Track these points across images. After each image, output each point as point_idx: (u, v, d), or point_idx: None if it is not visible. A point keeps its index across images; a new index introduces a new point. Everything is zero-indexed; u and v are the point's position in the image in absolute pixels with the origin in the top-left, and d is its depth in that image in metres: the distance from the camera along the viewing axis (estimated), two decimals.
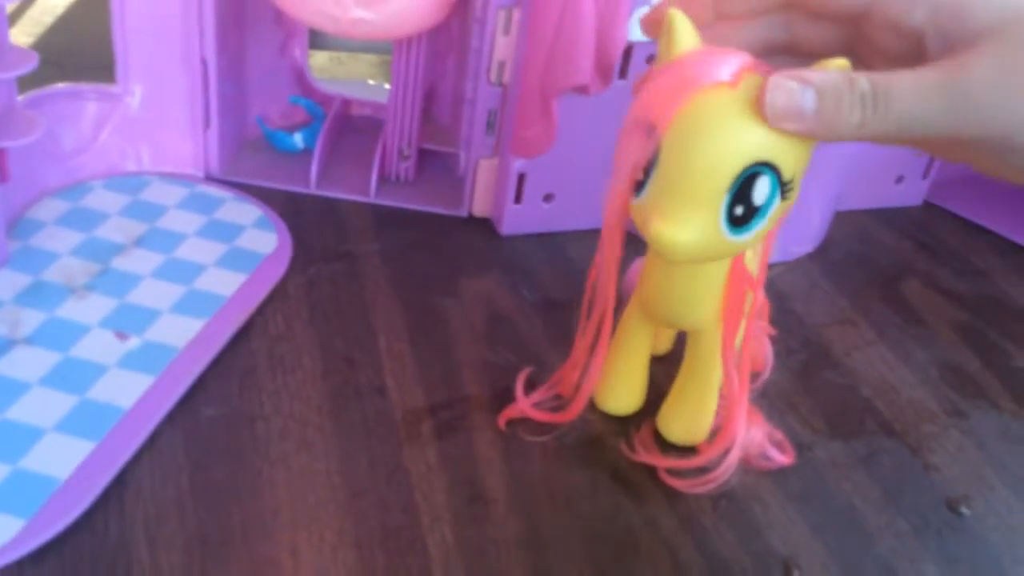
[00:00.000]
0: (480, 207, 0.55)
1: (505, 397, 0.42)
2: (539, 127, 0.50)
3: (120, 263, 0.45)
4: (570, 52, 0.47)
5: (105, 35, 0.49)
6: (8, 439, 0.35)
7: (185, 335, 0.41)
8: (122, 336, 0.41)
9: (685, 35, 0.31)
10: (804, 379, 0.46)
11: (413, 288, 0.48)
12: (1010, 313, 0.54)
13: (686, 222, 0.31)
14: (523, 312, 0.48)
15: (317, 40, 0.64)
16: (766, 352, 0.44)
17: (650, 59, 0.50)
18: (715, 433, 0.39)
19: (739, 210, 0.31)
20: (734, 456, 0.37)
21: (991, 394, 0.47)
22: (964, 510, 0.40)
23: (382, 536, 0.35)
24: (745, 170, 0.30)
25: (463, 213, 0.55)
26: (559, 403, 0.41)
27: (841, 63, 0.29)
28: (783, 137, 0.30)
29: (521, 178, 0.52)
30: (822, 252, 0.56)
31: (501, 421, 0.41)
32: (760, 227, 0.31)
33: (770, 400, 0.44)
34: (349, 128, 0.60)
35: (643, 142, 0.31)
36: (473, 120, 0.53)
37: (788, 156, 0.30)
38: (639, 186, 0.32)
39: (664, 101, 0.30)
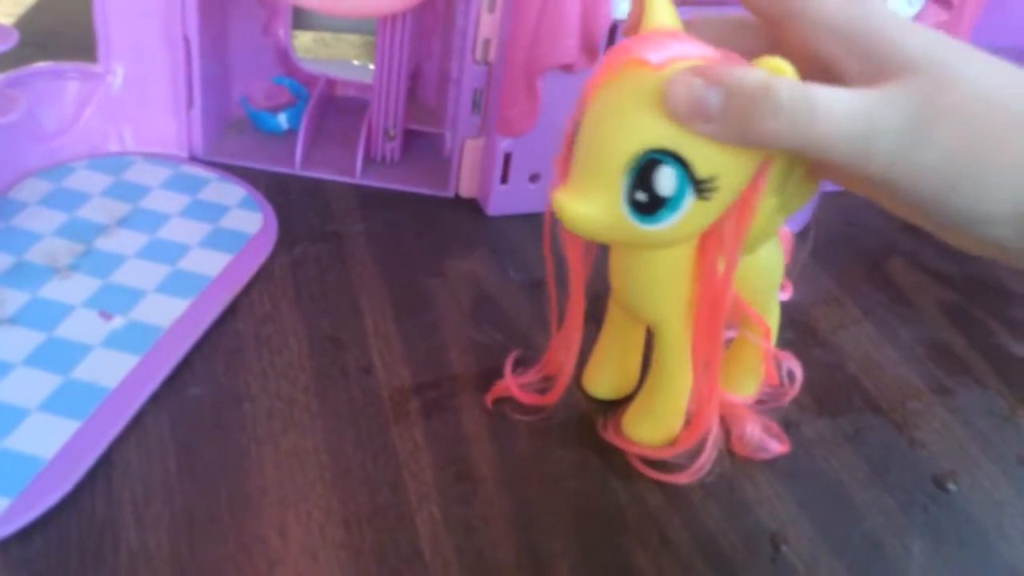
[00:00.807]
0: (466, 188, 0.55)
1: (492, 376, 0.42)
2: (523, 106, 0.50)
3: (103, 243, 0.45)
4: (555, 30, 0.47)
5: (87, 16, 0.49)
6: None
7: (170, 315, 0.41)
8: (106, 316, 0.40)
9: (658, 14, 0.30)
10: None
11: (399, 268, 0.48)
12: (995, 292, 0.54)
13: (583, 196, 0.30)
14: (509, 292, 0.48)
15: (301, 20, 0.63)
16: (777, 371, 0.42)
17: None
18: (688, 427, 0.38)
19: (641, 196, 0.30)
20: (706, 455, 0.37)
21: (976, 372, 0.47)
22: (950, 486, 0.40)
23: (370, 514, 0.35)
24: (644, 154, 0.29)
25: (449, 194, 0.55)
26: (546, 384, 0.41)
27: (775, 63, 0.28)
28: (703, 136, 0.28)
29: (507, 158, 0.52)
30: (807, 232, 0.56)
31: (488, 400, 0.41)
32: (672, 220, 0.30)
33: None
34: (333, 109, 0.60)
35: (573, 116, 0.31)
36: (459, 100, 0.52)
37: (701, 152, 0.29)
38: None
39: (595, 75, 0.30)
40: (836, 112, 0.27)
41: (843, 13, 0.29)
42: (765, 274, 0.38)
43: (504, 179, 0.52)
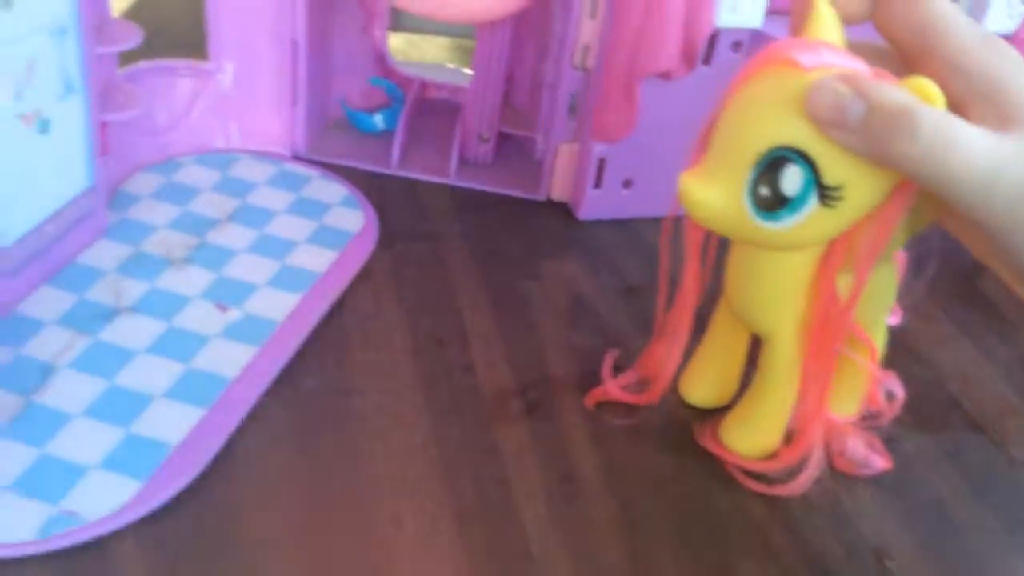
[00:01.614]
0: (559, 191, 0.55)
1: (590, 379, 0.42)
2: (621, 112, 0.51)
3: (215, 237, 0.46)
4: (656, 36, 0.48)
5: (187, 13, 0.50)
6: (120, 404, 0.36)
7: (282, 309, 0.42)
8: (222, 307, 0.42)
9: (824, 27, 0.31)
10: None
11: (494, 270, 0.49)
12: None
13: (709, 182, 0.31)
14: (604, 296, 0.48)
15: (393, 22, 0.64)
16: (879, 392, 0.41)
17: (736, 46, 0.50)
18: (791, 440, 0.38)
19: (764, 191, 0.30)
20: (809, 472, 0.37)
21: None
22: None
23: (480, 509, 0.36)
24: (772, 150, 0.29)
25: (541, 197, 0.55)
26: (642, 387, 0.41)
27: (923, 85, 0.28)
28: (837, 143, 0.29)
29: (601, 163, 0.52)
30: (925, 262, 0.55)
31: (589, 401, 0.41)
32: (792, 221, 0.30)
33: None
34: (425, 110, 0.61)
35: (717, 108, 0.32)
36: (554, 104, 0.53)
37: (833, 158, 0.29)
38: None
39: (745, 68, 0.31)
40: (968, 152, 0.27)
41: (979, 55, 0.29)
42: (879, 295, 0.38)
43: (598, 184, 0.53)
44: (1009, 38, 0.53)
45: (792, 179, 0.30)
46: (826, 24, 0.31)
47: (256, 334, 0.41)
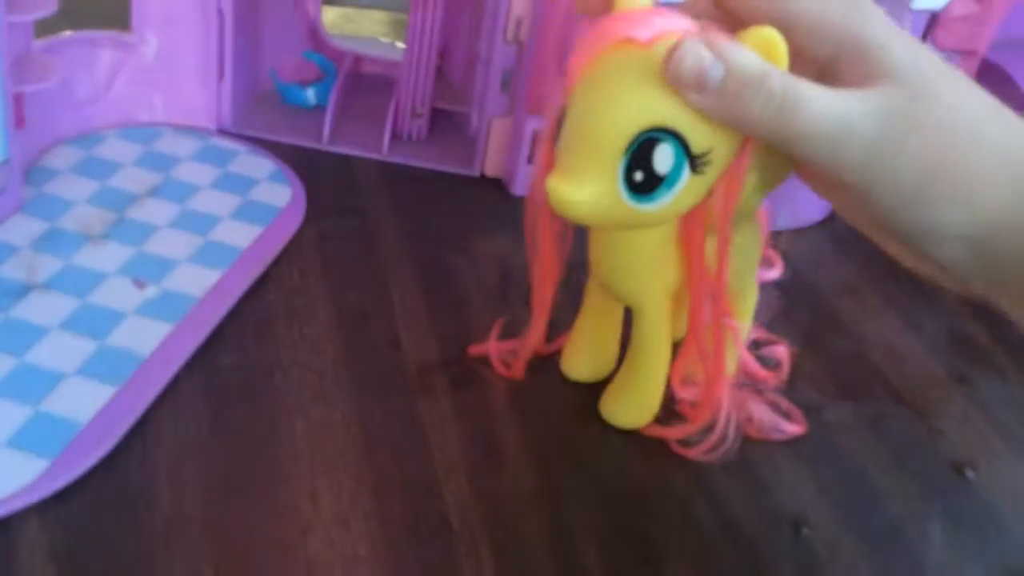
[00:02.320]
0: (493, 167, 0.55)
1: (508, 357, 0.42)
2: (554, 84, 0.50)
3: (135, 213, 0.45)
4: None
5: None
6: (28, 382, 0.36)
7: (202, 285, 0.41)
8: (140, 284, 0.41)
9: None
10: (814, 346, 0.46)
11: (425, 245, 0.48)
12: None
13: (581, 181, 0.30)
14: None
15: None
16: (759, 415, 0.41)
17: None
18: (698, 405, 0.38)
19: (639, 176, 0.29)
20: (720, 428, 0.37)
21: (998, 363, 0.48)
22: (969, 473, 0.41)
23: (399, 484, 0.36)
24: (642, 133, 0.29)
25: (475, 172, 0.55)
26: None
27: (769, 35, 0.28)
28: (692, 106, 0.29)
29: (535, 137, 0.52)
30: (831, 220, 0.56)
31: (470, 353, 0.41)
32: (668, 198, 0.30)
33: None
34: (359, 85, 0.60)
35: (559, 97, 0.31)
36: (487, 79, 0.53)
37: (697, 127, 0.29)
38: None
39: (578, 55, 0.30)
40: (817, 110, 0.28)
41: (842, 19, 0.30)
42: (744, 255, 0.38)
43: (531, 159, 0.53)
44: (937, 15, 0.53)
45: (664, 157, 0.29)
46: None
47: (174, 310, 0.40)
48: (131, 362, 0.37)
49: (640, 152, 0.29)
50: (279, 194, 0.48)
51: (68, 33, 0.49)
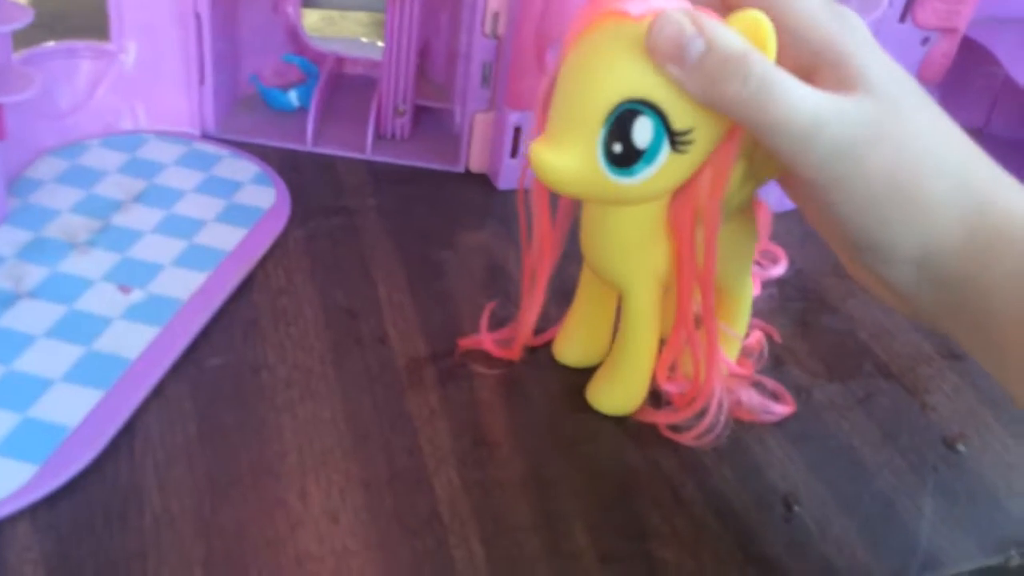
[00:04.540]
0: (477, 162, 0.55)
1: (503, 343, 0.42)
2: (534, 79, 0.50)
3: (120, 219, 0.45)
4: (565, 1, 0.47)
5: None
6: (16, 389, 0.36)
7: (188, 288, 0.42)
8: (125, 289, 0.41)
9: None
10: (801, 325, 0.46)
11: (411, 242, 0.49)
12: None
13: (560, 148, 0.30)
14: (520, 264, 0.48)
15: None
16: (748, 399, 0.40)
17: None
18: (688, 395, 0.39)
19: (617, 147, 0.30)
20: (710, 416, 0.37)
21: None
22: (960, 447, 0.41)
23: (389, 478, 0.36)
24: (621, 104, 0.29)
25: (459, 168, 0.55)
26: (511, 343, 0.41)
27: (753, 16, 0.29)
28: (671, 80, 0.29)
29: (517, 132, 0.52)
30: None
31: (460, 346, 0.41)
32: (648, 173, 0.30)
33: (769, 347, 0.44)
34: (343, 86, 0.60)
35: (550, 71, 0.31)
36: (468, 74, 0.53)
37: (678, 103, 0.29)
38: None
39: (572, 26, 0.30)
40: (792, 102, 0.28)
41: (825, 27, 0.30)
42: (737, 249, 0.38)
43: (514, 153, 0.53)
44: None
45: (643, 130, 0.30)
46: None
47: (159, 314, 0.40)
48: (118, 366, 0.37)
49: (619, 123, 0.29)
50: (263, 196, 0.49)
51: (48, 44, 0.49)
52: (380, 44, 0.61)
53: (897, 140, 0.29)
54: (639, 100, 0.29)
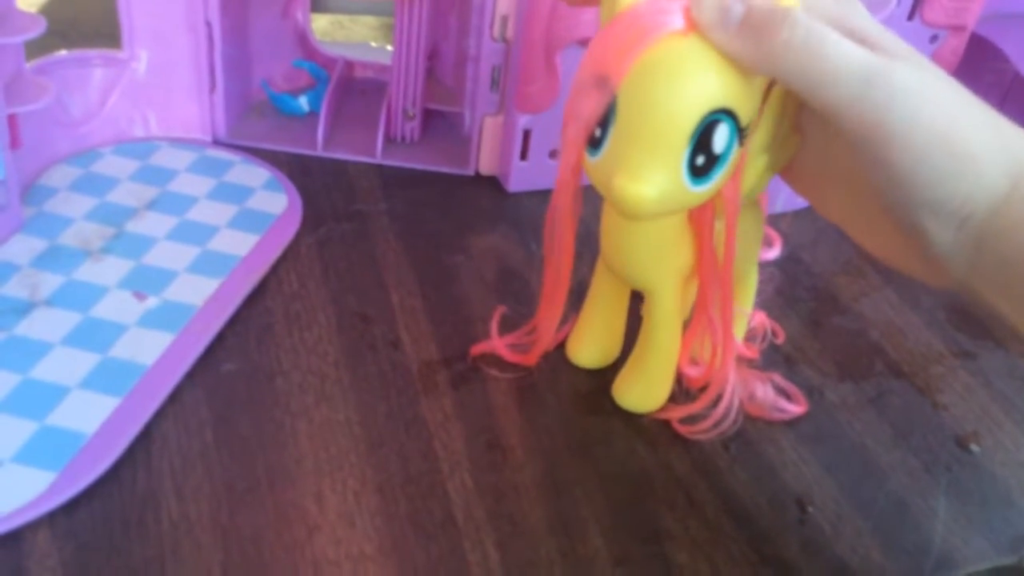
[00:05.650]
0: (487, 165, 0.55)
1: (518, 349, 0.42)
2: (542, 82, 0.51)
3: (134, 226, 0.46)
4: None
5: (104, 4, 0.49)
6: (34, 397, 0.36)
7: (202, 294, 0.42)
8: (140, 296, 0.41)
9: None
10: (813, 325, 0.47)
11: (423, 246, 0.49)
12: None
13: (650, 177, 0.30)
14: (532, 266, 0.48)
15: (318, 3, 0.64)
16: (761, 393, 0.41)
17: None
18: (704, 384, 0.39)
19: (700, 160, 0.30)
20: (725, 403, 0.38)
21: (998, 335, 0.48)
22: (973, 447, 0.41)
23: (403, 482, 0.36)
24: (705, 118, 0.30)
25: (470, 172, 0.55)
26: (529, 348, 0.41)
27: None
28: (739, 82, 0.29)
29: (526, 135, 0.52)
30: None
31: (472, 352, 0.42)
32: (719, 176, 0.31)
33: (780, 346, 0.44)
34: (353, 91, 0.61)
35: (597, 97, 0.31)
36: (477, 77, 0.53)
37: (745, 101, 0.30)
38: (594, 143, 0.31)
39: (618, 53, 0.30)
40: (843, 49, 0.28)
41: (829, 9, 0.30)
42: (746, 239, 0.38)
43: (524, 156, 0.53)
44: None
45: (722, 136, 0.30)
46: None
47: (174, 320, 0.40)
48: (134, 373, 0.38)
49: (703, 137, 0.30)
50: (275, 202, 0.49)
51: (60, 53, 0.49)
52: (389, 48, 0.61)
53: (938, 94, 0.29)
54: (721, 109, 0.30)
